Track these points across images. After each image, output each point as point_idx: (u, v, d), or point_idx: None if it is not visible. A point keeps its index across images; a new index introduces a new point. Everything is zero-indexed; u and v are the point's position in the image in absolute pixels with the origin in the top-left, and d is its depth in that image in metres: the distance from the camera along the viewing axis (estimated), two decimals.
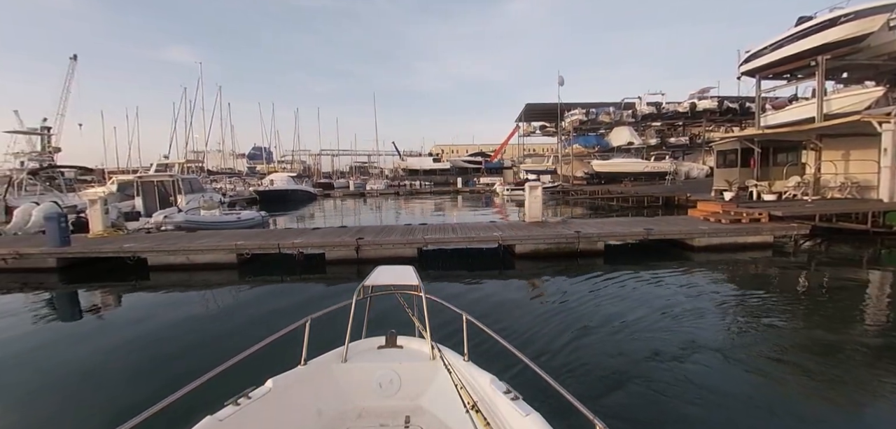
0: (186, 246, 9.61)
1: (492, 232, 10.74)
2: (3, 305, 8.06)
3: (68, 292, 8.98)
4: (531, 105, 43.91)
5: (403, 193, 46.79)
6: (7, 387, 4.78)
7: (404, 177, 61.17)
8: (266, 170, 53.67)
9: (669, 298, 7.06)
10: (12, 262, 9.71)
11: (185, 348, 5.69)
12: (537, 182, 12.90)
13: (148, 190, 16.81)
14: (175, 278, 9.23)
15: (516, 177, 44.64)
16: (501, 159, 64.84)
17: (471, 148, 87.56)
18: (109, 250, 9.71)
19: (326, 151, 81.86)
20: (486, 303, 7.21)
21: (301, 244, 9.72)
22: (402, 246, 9.78)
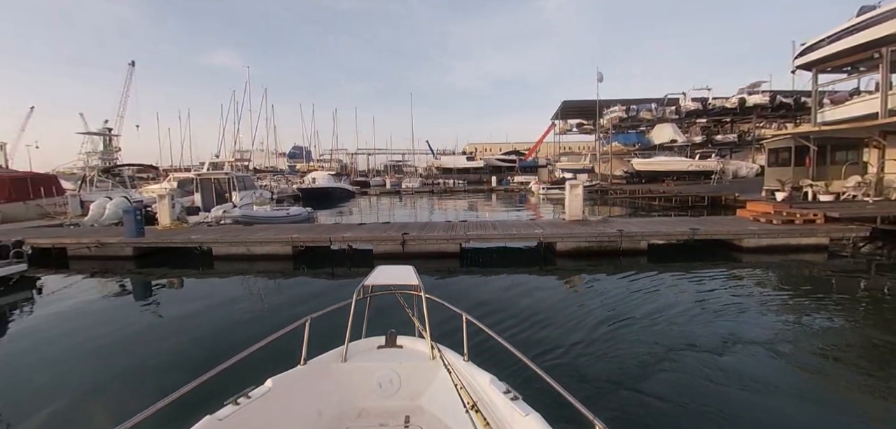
0: (246, 238, 10.43)
1: (532, 229, 10.90)
2: (89, 286, 9.11)
3: (142, 278, 9.95)
4: (568, 102, 43.29)
5: (437, 192, 47.31)
6: (92, 355, 5.57)
7: (438, 175, 61.79)
8: (305, 168, 55.86)
9: (715, 299, 6.97)
10: (95, 250, 10.87)
11: (244, 324, 6.40)
12: (578, 180, 12.85)
13: (206, 187, 18.11)
14: (237, 267, 10.03)
15: (552, 175, 44.08)
16: (536, 158, 64.15)
17: (504, 146, 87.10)
18: (179, 241, 10.69)
19: (362, 150, 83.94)
20: (528, 298, 7.35)
21: (350, 239, 10.28)
22: (445, 242, 10.14)
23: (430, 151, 79.52)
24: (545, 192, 33.41)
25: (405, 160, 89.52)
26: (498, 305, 6.88)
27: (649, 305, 6.69)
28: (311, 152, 67.48)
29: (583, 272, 8.94)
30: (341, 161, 71.37)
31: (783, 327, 5.91)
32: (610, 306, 6.68)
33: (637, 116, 39.56)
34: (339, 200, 34.97)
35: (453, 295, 7.70)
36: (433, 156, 76.98)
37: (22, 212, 19.04)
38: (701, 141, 39.49)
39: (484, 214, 24.18)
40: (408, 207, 30.39)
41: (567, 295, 7.84)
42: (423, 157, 77.12)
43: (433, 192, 47.32)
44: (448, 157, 73.03)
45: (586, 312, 6.45)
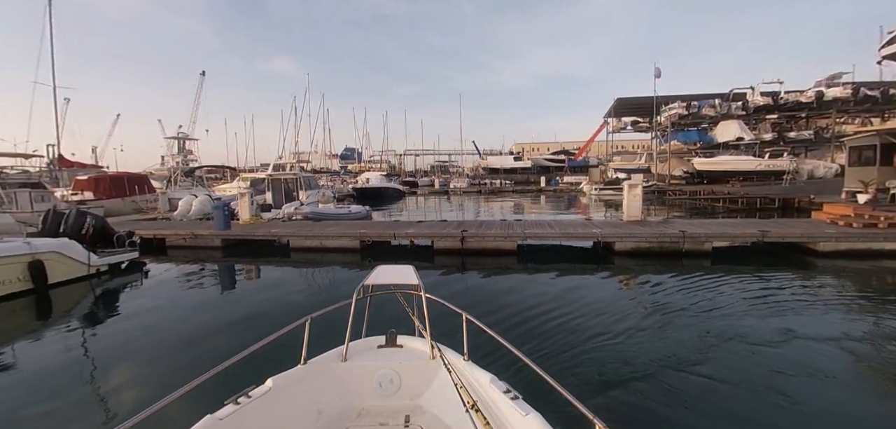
0: (320, 232, 11.41)
1: (589, 229, 11.00)
2: (185, 271, 10.41)
3: (228, 265, 11.16)
4: (622, 99, 41.93)
5: (485, 192, 47.58)
6: (186, 325, 6.65)
7: (484, 175, 61.99)
8: (356, 169, 58.24)
9: (784, 306, 6.67)
10: (190, 240, 12.33)
11: (317, 307, 7.20)
12: (637, 180, 12.70)
13: (276, 186, 19.71)
14: (311, 258, 11.01)
15: (603, 176, 42.88)
16: (586, 157, 62.52)
17: (552, 146, 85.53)
18: (261, 234, 11.89)
19: (411, 150, 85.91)
20: (586, 296, 7.43)
21: (412, 235, 10.94)
22: (503, 239, 10.50)
23: (477, 152, 79.69)
24: (598, 192, 32.68)
25: (451, 161, 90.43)
26: (556, 302, 7.01)
27: (713, 309, 6.57)
28: (361, 153, 70.11)
29: (642, 273, 8.86)
30: (389, 161, 73.55)
31: (863, 344, 5.42)
32: (671, 309, 6.59)
33: (699, 112, 37.43)
34: (390, 200, 36.29)
35: (512, 288, 8.02)
36: (480, 156, 77.17)
37: (120, 207, 21.67)
38: (771, 139, 36.69)
39: (530, 215, 24.18)
40: (456, 208, 30.90)
41: (626, 295, 7.86)
42: (470, 157, 77.49)
43: (481, 192, 47.66)
44: (495, 157, 72.98)
45: (646, 314, 6.42)
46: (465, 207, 30.72)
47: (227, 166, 33.60)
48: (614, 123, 49.33)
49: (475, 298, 7.55)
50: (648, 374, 4.46)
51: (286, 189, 19.81)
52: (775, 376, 4.40)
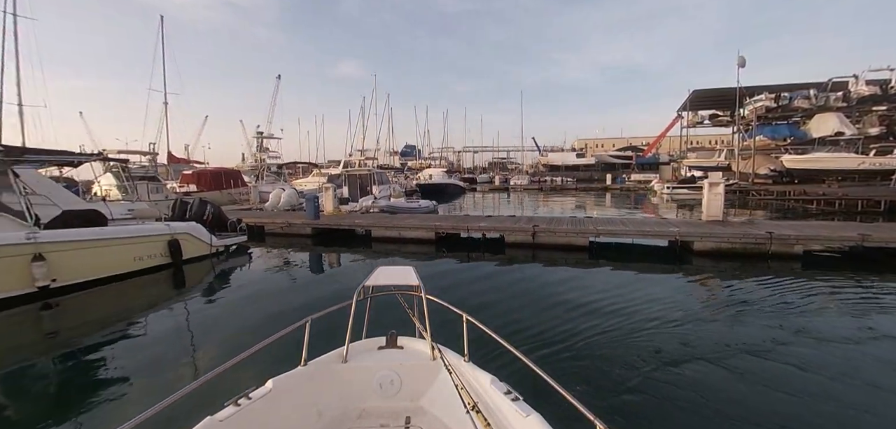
0: (398, 223, 12.33)
1: (666, 227, 10.81)
2: (281, 254, 11.79)
3: (317, 252, 12.45)
4: (699, 91, 39.21)
5: (546, 190, 46.92)
6: (283, 298, 7.72)
7: (545, 173, 60.95)
8: (416, 165, 59.94)
9: (888, 321, 6.07)
10: (285, 228, 13.87)
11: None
12: (717, 178, 12.16)
13: (352, 182, 21.26)
14: (390, 247, 11.96)
15: (676, 174, 40.43)
16: (657, 154, 59.11)
17: (618, 142, 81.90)
18: (346, 224, 13.10)
19: (469, 147, 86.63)
20: (661, 296, 7.23)
21: (484, 228, 11.48)
22: (574, 235, 10.68)
23: (537, 148, 78.43)
24: (670, 191, 31.00)
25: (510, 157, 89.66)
26: (628, 299, 6.92)
27: (804, 318, 6.11)
28: (421, 151, 71.94)
29: (723, 274, 8.58)
30: (447, 158, 74.57)
31: None
32: (753, 315, 6.24)
33: (790, 105, 33.88)
34: (451, 196, 37.19)
35: (585, 286, 8.01)
36: (539, 152, 75.91)
37: (218, 198, 24.49)
38: (878, 133, 32.35)
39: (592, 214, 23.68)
40: (516, 205, 30.89)
41: (704, 297, 7.59)
42: (530, 154, 76.45)
43: (542, 189, 47.06)
44: (555, 153, 71.43)
45: (726, 320, 6.11)
46: (525, 205, 30.58)
47: (311, 163, 36.41)
48: (689, 116, 46.14)
49: (547, 291, 7.71)
50: (736, 388, 4.21)
51: (361, 184, 21.28)
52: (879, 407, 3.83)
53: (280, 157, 36.75)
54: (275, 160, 34.08)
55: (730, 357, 4.83)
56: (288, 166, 41.37)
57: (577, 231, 10.73)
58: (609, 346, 5.18)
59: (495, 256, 10.89)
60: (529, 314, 6.41)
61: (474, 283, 8.53)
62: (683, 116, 46.55)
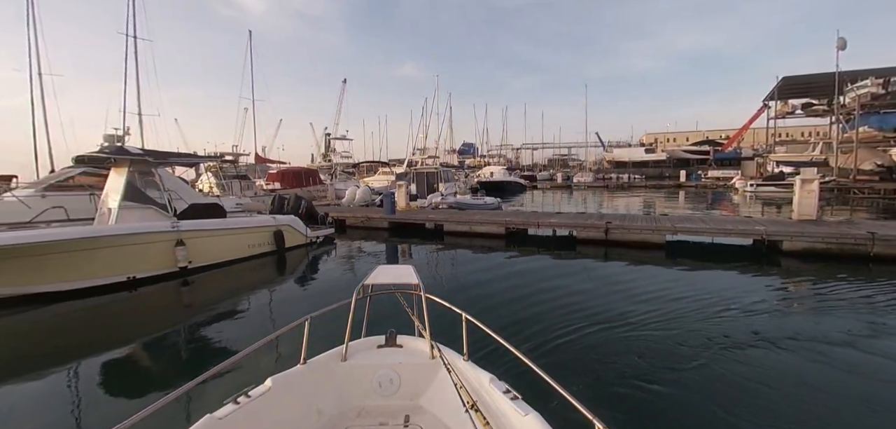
0: (468, 219, 12.95)
1: (751, 226, 10.35)
2: (361, 245, 12.80)
3: (393, 243, 13.40)
4: (790, 78, 35.70)
5: (612, 187, 45.25)
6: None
7: (610, 169, 58.63)
8: (473, 163, 60.42)
9: None
10: (364, 222, 15.07)
11: (474, 284, 8.23)
12: (811, 174, 11.29)
13: (420, 179, 22.35)
14: (461, 241, 12.59)
15: (761, 169, 37.13)
16: (738, 148, 54.44)
17: (693, 135, 76.36)
18: (421, 218, 13.98)
19: (528, 144, 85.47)
20: (744, 298, 6.86)
21: (555, 224, 11.71)
22: (650, 232, 10.58)
23: (600, 144, 75.52)
24: (753, 189, 28.64)
25: (572, 154, 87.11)
26: (708, 301, 6.68)
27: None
28: (478, 148, 72.19)
29: (816, 277, 8.03)
30: (505, 156, 74.05)
31: None
32: (848, 321, 5.80)
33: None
34: (512, 193, 37.26)
35: (660, 288, 7.70)
36: (604, 148, 73.07)
37: (288, 196, 26.87)
38: None
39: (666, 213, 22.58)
40: (580, 203, 30.23)
41: (795, 302, 7.17)
42: (593, 150, 73.78)
43: (607, 187, 45.48)
44: (622, 149, 68.38)
45: (814, 325, 5.69)
46: (589, 203, 29.89)
47: (384, 161, 38.43)
48: (779, 106, 42.01)
49: (620, 289, 7.58)
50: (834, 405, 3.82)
51: (428, 181, 22.27)
52: None
53: (351, 156, 39.08)
54: (347, 160, 36.34)
55: (820, 364, 4.59)
56: (353, 166, 44.02)
57: (652, 228, 10.62)
58: (683, 341, 5.10)
59: (565, 252, 11.07)
60: (603, 313, 6.28)
61: (544, 279, 8.54)
62: (770, 106, 42.51)
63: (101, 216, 8.94)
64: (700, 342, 5.13)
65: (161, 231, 8.74)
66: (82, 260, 7.69)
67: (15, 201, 9.71)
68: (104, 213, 8.85)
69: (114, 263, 8.07)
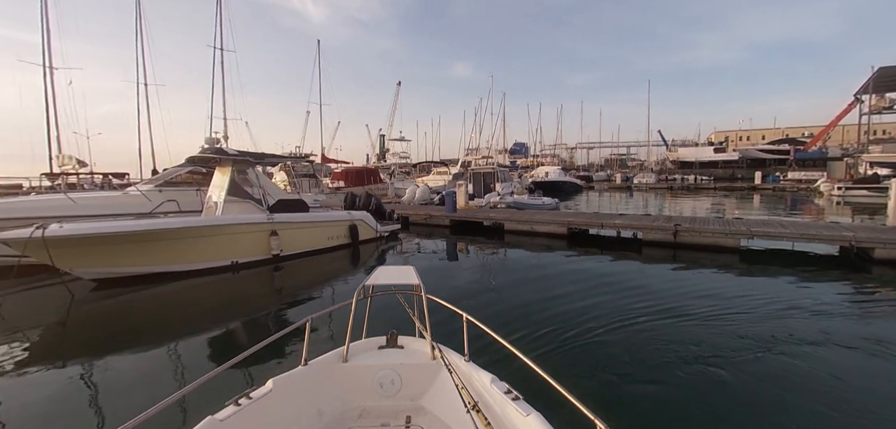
0: (529, 218, 13.19)
1: (838, 231, 9.69)
2: (423, 242, 13.48)
3: (453, 240, 13.92)
4: (889, 69, 32.00)
5: (676, 189, 42.88)
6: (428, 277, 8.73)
7: (673, 169, 55.54)
8: (524, 163, 59.70)
9: None
10: (426, 220, 15.80)
11: (533, 281, 8.38)
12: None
13: (477, 179, 22.80)
14: (522, 240, 12.86)
15: (851, 171, 33.53)
16: (823, 147, 49.43)
17: (770, 133, 70.38)
18: (481, 217, 14.44)
19: (583, 143, 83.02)
20: (828, 311, 6.36)
21: (619, 225, 11.64)
22: (722, 236, 10.23)
23: (663, 142, 71.69)
24: (842, 193, 26.03)
25: (630, 153, 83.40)
26: (784, 312, 6.19)
27: None
28: (529, 148, 71.07)
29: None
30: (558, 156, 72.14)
31: None
32: None
33: None
34: (567, 193, 36.61)
35: (732, 293, 7.28)
36: (667, 147, 69.33)
37: (360, 193, 28.39)
38: None
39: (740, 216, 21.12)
40: (641, 205, 28.92)
41: (889, 317, 6.51)
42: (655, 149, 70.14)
43: (671, 188, 43.16)
44: (687, 148, 64.54)
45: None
46: (651, 205, 28.60)
47: (442, 161, 39.50)
48: (873, 100, 37.71)
49: (688, 294, 7.28)
50: None
51: (484, 181, 22.68)
52: None
53: (409, 157, 40.44)
54: (405, 160, 37.68)
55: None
56: (403, 167, 45.41)
57: (725, 232, 10.26)
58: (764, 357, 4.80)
59: (630, 254, 10.90)
60: (673, 318, 6.08)
61: (607, 279, 8.41)
62: (863, 101, 38.25)
63: (207, 209, 10.31)
64: (768, 350, 4.93)
65: (258, 222, 9.92)
66: (197, 246, 8.97)
67: (139, 195, 11.41)
68: (210, 206, 10.20)
69: (221, 250, 9.32)
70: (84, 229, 7.78)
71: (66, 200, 10.41)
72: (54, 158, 19.09)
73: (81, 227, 7.86)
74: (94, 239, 7.82)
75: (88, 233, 7.75)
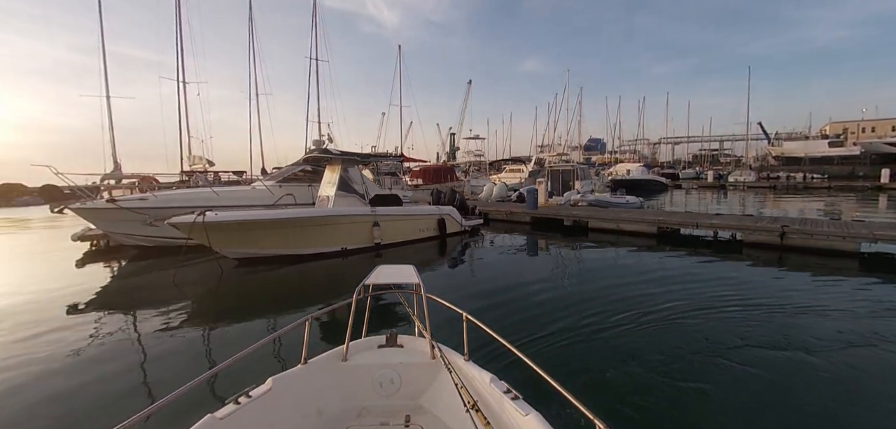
0: (616, 215, 13.06)
1: None
2: (503, 238, 13.87)
3: (534, 237, 14.15)
4: None
5: (780, 188, 38.43)
6: (504, 271, 9.02)
7: (776, 166, 49.70)
8: (600, 160, 57.01)
9: None
10: (507, 217, 16.24)
11: (618, 285, 8.03)
12: None
13: (554, 176, 22.70)
14: (608, 238, 12.75)
15: None
16: None
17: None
18: (563, 214, 14.55)
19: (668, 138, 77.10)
20: None
21: (717, 225, 11.12)
22: (838, 239, 9.40)
23: (765, 135, 64.43)
24: None
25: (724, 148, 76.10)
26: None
27: None
28: (605, 144, 67.65)
29: None
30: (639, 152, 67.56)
31: None
32: None
33: None
34: (651, 192, 34.60)
35: (852, 303, 6.68)
36: (768, 141, 62.28)
37: (445, 190, 29.58)
38: None
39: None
40: (735, 205, 26.30)
41: None
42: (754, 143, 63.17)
43: (774, 188, 38.77)
44: (795, 142, 57.40)
45: None
46: (748, 205, 25.98)
47: (517, 158, 39.81)
48: None
49: (794, 305, 6.88)
50: None
51: (563, 178, 22.51)
52: None
53: (483, 155, 41.10)
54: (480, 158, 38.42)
55: None
56: (476, 165, 46.05)
57: (842, 235, 9.40)
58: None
59: (729, 256, 10.30)
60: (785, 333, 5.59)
61: (710, 288, 7.70)
62: None
63: (320, 202, 11.78)
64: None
65: (364, 214, 11.15)
66: (316, 234, 10.38)
67: (264, 189, 13.30)
68: (323, 199, 11.65)
69: (334, 238, 10.66)
70: (234, 217, 9.47)
71: (210, 193, 12.53)
72: (185, 159, 22.64)
73: (231, 215, 9.56)
74: (241, 225, 9.48)
75: (237, 219, 9.42)
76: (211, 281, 9.04)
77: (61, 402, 4.06)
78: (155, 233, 11.17)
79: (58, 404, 4.03)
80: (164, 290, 8.32)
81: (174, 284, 8.69)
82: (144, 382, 4.48)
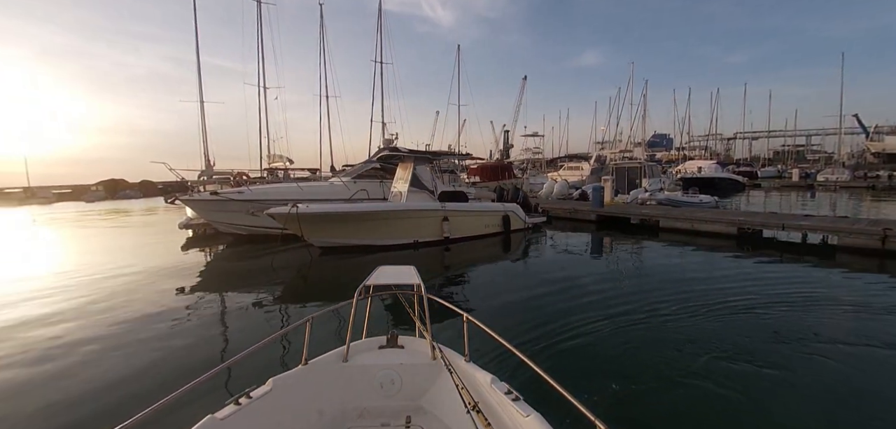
0: (690, 215, 12.60)
1: None
2: (567, 235, 13.82)
3: (600, 236, 13.94)
4: None
5: (879, 188, 34.11)
6: (562, 270, 8.93)
7: (876, 164, 44.08)
8: (665, 157, 53.62)
9: None
10: (570, 214, 16.15)
11: (691, 288, 7.58)
12: None
13: (620, 174, 22.02)
14: (681, 238, 12.26)
15: None
16: None
17: None
18: (632, 213, 14.25)
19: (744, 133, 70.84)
20: None
21: (806, 227, 10.40)
22: None
23: (861, 129, 57.50)
24: None
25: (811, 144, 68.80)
26: None
27: None
28: (672, 140, 63.48)
29: None
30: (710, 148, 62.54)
31: None
32: None
33: None
34: (725, 191, 32.17)
35: None
36: (866, 135, 55.51)
37: (508, 187, 29.74)
38: None
39: None
40: (823, 206, 23.62)
41: None
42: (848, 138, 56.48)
43: (872, 187, 34.53)
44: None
45: None
46: (840, 208, 23.23)
47: (577, 154, 39.07)
48: None
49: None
50: None
51: (628, 176, 21.78)
52: None
53: (542, 152, 40.60)
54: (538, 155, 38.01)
55: None
56: (534, 162, 45.34)
57: None
58: None
59: (820, 261, 9.59)
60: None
61: (807, 294, 7.11)
62: None
63: (393, 196, 12.55)
64: None
65: (434, 209, 11.77)
66: (392, 226, 11.15)
67: (341, 185, 14.38)
68: (395, 194, 12.41)
69: (407, 230, 11.37)
70: (323, 209, 10.49)
71: (296, 188, 13.80)
72: (265, 157, 24.79)
73: (321, 207, 10.60)
74: (329, 217, 10.46)
75: (327, 211, 10.42)
76: (301, 265, 10.15)
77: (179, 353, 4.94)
78: (250, 222, 12.55)
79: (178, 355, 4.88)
80: (261, 274, 9.56)
81: (272, 268, 9.89)
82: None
